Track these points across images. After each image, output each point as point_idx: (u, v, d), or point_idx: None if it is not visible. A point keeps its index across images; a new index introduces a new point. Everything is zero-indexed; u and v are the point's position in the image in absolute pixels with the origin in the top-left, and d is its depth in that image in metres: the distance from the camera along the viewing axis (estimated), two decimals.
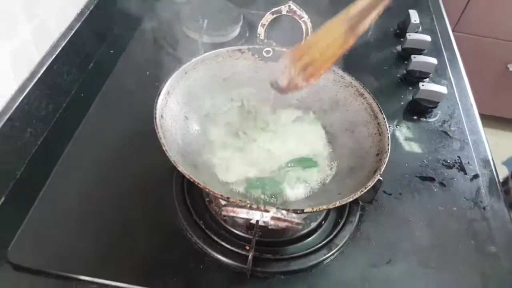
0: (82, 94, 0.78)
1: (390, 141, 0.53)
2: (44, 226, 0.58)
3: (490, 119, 2.00)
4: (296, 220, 0.41)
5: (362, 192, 0.48)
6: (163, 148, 0.49)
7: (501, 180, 0.98)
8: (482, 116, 0.82)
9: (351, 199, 0.47)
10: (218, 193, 0.45)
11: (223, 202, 0.56)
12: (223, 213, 0.41)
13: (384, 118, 0.56)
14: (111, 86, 0.79)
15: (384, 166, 0.51)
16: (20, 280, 0.54)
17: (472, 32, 1.81)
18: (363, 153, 0.55)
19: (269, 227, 0.44)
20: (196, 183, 0.46)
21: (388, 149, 0.52)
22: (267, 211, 0.39)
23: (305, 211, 0.45)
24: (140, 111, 0.64)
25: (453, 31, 1.82)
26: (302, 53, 0.54)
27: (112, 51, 0.87)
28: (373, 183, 0.48)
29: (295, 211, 0.43)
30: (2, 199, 0.61)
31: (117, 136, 0.71)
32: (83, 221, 0.60)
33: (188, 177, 0.46)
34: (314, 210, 0.45)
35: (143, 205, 0.62)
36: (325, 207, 0.46)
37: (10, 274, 0.54)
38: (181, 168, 0.47)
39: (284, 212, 0.40)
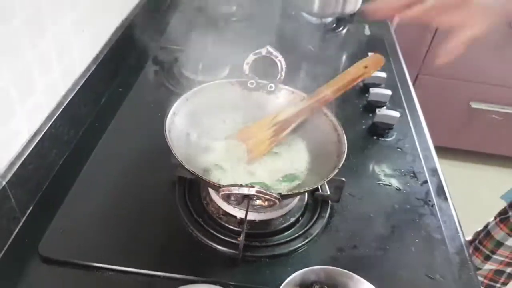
0: (96, 124, 0.92)
1: (346, 146, 0.69)
2: (69, 225, 0.70)
3: (453, 152, 2.19)
4: (275, 195, 0.54)
5: (325, 181, 0.62)
6: (172, 152, 0.64)
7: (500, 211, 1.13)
8: (447, 149, 0.97)
9: (317, 185, 0.61)
10: (214, 182, 0.59)
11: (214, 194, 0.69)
12: (220, 193, 0.55)
13: (342, 129, 0.72)
14: (121, 117, 0.94)
15: (341, 163, 0.65)
16: (49, 271, 0.65)
17: (436, 74, 2.03)
18: (328, 157, 0.70)
19: (255, 207, 0.58)
20: (197, 175, 0.60)
21: (345, 151, 0.67)
22: (253, 187, 0.53)
23: (282, 194, 0.58)
24: (147, 136, 0.80)
25: (418, 74, 2.04)
26: (243, 139, 0.76)
27: (120, 89, 1.02)
28: (333, 175, 0.63)
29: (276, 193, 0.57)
30: (32, 205, 0.73)
31: (127, 156, 0.84)
32: (102, 220, 0.72)
33: (191, 172, 0.60)
34: (290, 193, 0.59)
35: (152, 209, 0.75)
36: (297, 191, 0.60)
37: (41, 266, 0.66)
38: (187, 166, 0.61)
39: (265, 188, 0.54)
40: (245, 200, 0.58)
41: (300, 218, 0.75)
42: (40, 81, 0.74)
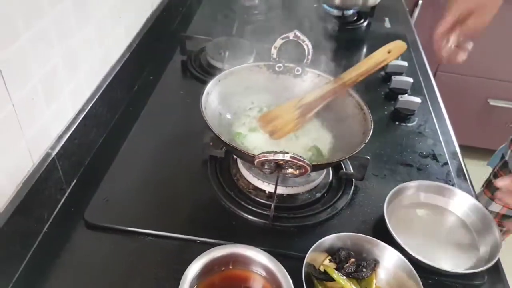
0: (130, 109, 0.98)
1: (372, 123, 0.72)
2: (112, 196, 0.76)
3: (472, 151, 2.18)
4: (307, 162, 0.58)
5: (352, 154, 0.66)
6: (208, 125, 0.68)
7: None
8: (465, 148, 0.99)
9: (345, 157, 0.65)
10: (249, 152, 0.63)
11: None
12: (256, 160, 0.59)
13: (367, 108, 0.76)
14: (153, 103, 0.99)
15: (368, 138, 0.69)
16: (94, 236, 0.70)
17: (455, 72, 2.04)
18: (354, 135, 0.74)
19: (287, 175, 0.62)
20: (233, 147, 0.65)
21: (371, 127, 0.71)
22: (287, 153, 0.57)
23: (312, 164, 0.62)
24: (177, 120, 0.86)
25: (436, 71, 2.04)
26: (266, 122, 0.80)
27: (151, 77, 1.08)
28: (360, 148, 0.67)
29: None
30: (77, 177, 0.79)
31: (160, 138, 0.89)
32: (141, 191, 0.77)
33: (226, 143, 0.65)
34: (319, 163, 0.63)
35: (186, 184, 0.80)
36: (325, 162, 0.64)
37: (86, 232, 0.71)
38: (222, 137, 0.66)
39: (298, 155, 0.58)
40: (276, 170, 0.62)
41: (326, 194, 0.79)
42: (83, 64, 0.80)
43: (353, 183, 0.81)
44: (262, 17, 1.34)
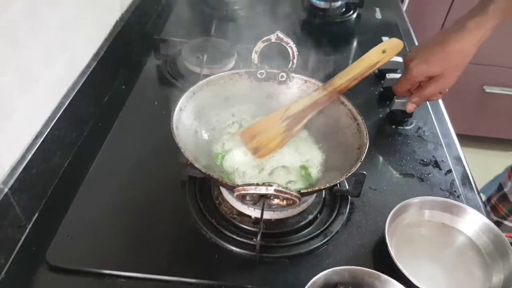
0: (100, 124, 0.88)
1: (368, 136, 0.64)
2: (76, 232, 0.67)
3: (468, 139, 2.12)
4: (294, 193, 0.50)
5: (347, 176, 0.57)
6: (181, 150, 0.59)
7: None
8: (461, 136, 0.92)
9: (337, 181, 0.57)
10: (229, 182, 0.55)
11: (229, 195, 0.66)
12: (235, 194, 0.51)
13: (362, 119, 0.67)
14: (125, 116, 0.90)
15: (364, 155, 0.61)
16: (58, 280, 0.62)
17: None
18: (348, 149, 0.66)
19: (273, 206, 0.54)
20: (210, 176, 0.56)
21: (367, 142, 0.63)
22: (271, 185, 0.49)
23: (301, 191, 0.54)
24: (152, 135, 0.76)
25: None
26: (250, 137, 0.71)
27: (123, 87, 0.98)
28: (355, 169, 0.58)
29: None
30: (38, 211, 0.70)
31: (133, 157, 0.80)
32: (111, 224, 0.69)
33: (201, 171, 0.56)
34: (309, 191, 0.55)
35: (162, 211, 0.71)
36: (317, 188, 0.55)
37: (48, 275, 0.62)
38: (197, 164, 0.57)
39: (284, 186, 0.49)
40: (261, 199, 0.54)
41: (319, 215, 0.71)
42: (39, 80, 0.70)
43: (349, 200, 0.73)
44: (244, 13, 1.24)
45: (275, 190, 0.48)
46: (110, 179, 0.76)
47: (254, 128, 0.72)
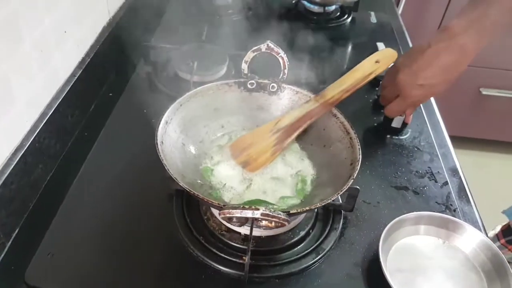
0: (85, 134, 0.85)
1: (360, 151, 0.61)
2: (58, 250, 0.64)
3: (464, 141, 2.11)
4: (283, 217, 0.47)
5: (339, 194, 0.55)
6: (165, 168, 0.57)
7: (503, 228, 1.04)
8: (456, 138, 0.90)
9: (329, 201, 0.54)
10: (215, 202, 0.52)
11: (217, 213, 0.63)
12: (220, 216, 0.48)
13: (354, 133, 0.64)
14: (112, 125, 0.87)
15: (356, 172, 0.58)
16: None
17: None
18: (340, 164, 0.63)
19: (262, 228, 0.51)
20: (196, 195, 0.53)
21: (359, 158, 0.60)
22: (257, 209, 0.46)
23: (290, 212, 0.52)
24: (140, 146, 0.72)
25: None
26: (239, 151, 0.68)
27: (111, 94, 0.95)
28: (347, 187, 0.56)
29: (282, 211, 0.50)
30: (18, 228, 0.67)
31: (119, 169, 0.77)
32: (93, 244, 0.66)
33: (187, 190, 0.53)
34: (298, 211, 0.52)
35: (147, 227, 0.68)
36: (307, 208, 0.53)
37: None
38: (181, 183, 0.54)
39: (271, 209, 0.47)
40: (248, 221, 0.51)
41: (311, 231, 0.68)
42: (19, 91, 0.67)
43: (342, 215, 0.70)
44: (237, 18, 1.22)
45: (262, 214, 0.46)
46: (95, 193, 0.73)
47: (243, 141, 0.69)
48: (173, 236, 0.66)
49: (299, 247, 0.66)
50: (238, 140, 0.70)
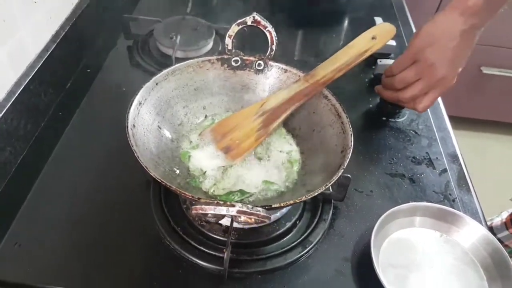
0: (60, 113, 0.79)
1: (352, 138, 0.56)
2: (26, 240, 0.59)
3: (464, 121, 2.05)
4: (262, 213, 0.42)
5: (327, 186, 0.50)
6: (135, 155, 0.51)
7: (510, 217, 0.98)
8: (456, 118, 0.85)
9: (316, 194, 0.49)
10: (189, 194, 0.47)
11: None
12: (192, 212, 0.43)
13: (347, 117, 0.59)
14: (88, 104, 0.81)
15: (347, 161, 0.53)
16: None
17: None
18: (330, 151, 0.58)
19: (241, 224, 0.46)
20: (168, 186, 0.48)
21: (351, 145, 0.55)
22: (233, 205, 0.41)
23: (272, 206, 0.47)
24: (117, 126, 0.65)
25: None
26: (221, 135, 0.63)
27: (88, 70, 0.89)
28: (337, 178, 0.51)
29: (262, 207, 0.45)
30: None
31: (95, 152, 0.72)
32: (64, 234, 0.61)
33: (159, 181, 0.48)
34: (281, 205, 0.47)
35: (122, 216, 0.63)
36: (291, 202, 0.48)
37: None
38: (152, 173, 0.49)
39: (249, 206, 0.42)
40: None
41: (298, 222, 0.63)
42: None
43: (332, 205, 0.65)
44: None
45: (238, 212, 0.41)
46: (67, 179, 0.68)
47: (225, 124, 0.63)
48: (149, 227, 0.61)
49: (284, 239, 0.61)
50: (220, 123, 0.64)
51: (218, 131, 0.63)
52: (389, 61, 0.87)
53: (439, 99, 0.88)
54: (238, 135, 0.62)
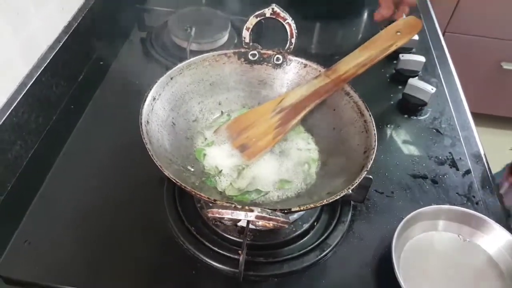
0: (72, 106, 0.78)
1: (376, 138, 0.53)
2: (36, 238, 0.58)
3: (484, 118, 2.00)
4: (281, 219, 0.40)
5: (349, 189, 0.47)
6: (149, 153, 0.49)
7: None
8: (476, 115, 0.82)
9: (338, 197, 0.47)
10: (204, 195, 0.45)
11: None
12: (209, 215, 0.41)
13: (370, 115, 0.56)
14: (101, 97, 0.80)
15: (371, 163, 0.50)
16: None
17: (464, 32, 1.81)
18: (351, 151, 0.55)
19: (258, 227, 0.44)
20: (183, 187, 0.46)
21: (375, 146, 0.52)
22: (251, 210, 0.39)
23: (292, 210, 0.44)
24: (130, 121, 0.63)
25: (444, 31, 1.82)
26: (237, 132, 0.60)
27: (101, 62, 0.87)
28: (359, 180, 0.48)
29: (281, 211, 0.43)
30: None
31: (108, 147, 0.71)
32: (75, 231, 0.60)
33: (174, 181, 0.46)
34: (301, 209, 0.45)
35: (134, 214, 0.62)
36: (312, 205, 0.45)
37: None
38: (166, 172, 0.47)
39: (268, 211, 0.40)
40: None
41: (315, 224, 0.61)
42: None
43: (351, 206, 0.63)
44: None
45: (256, 217, 0.39)
46: (78, 174, 0.66)
47: (241, 121, 0.61)
48: (162, 226, 0.60)
49: (301, 241, 0.59)
50: (236, 120, 0.62)
51: (234, 128, 0.61)
52: (412, 56, 0.83)
53: (462, 95, 0.85)
54: (255, 133, 0.59)
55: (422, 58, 0.83)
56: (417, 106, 0.79)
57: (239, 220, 0.42)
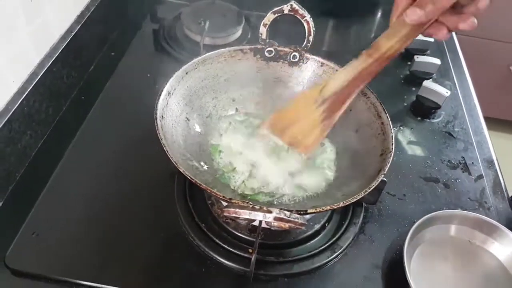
0: (82, 97, 0.77)
1: (394, 140, 0.53)
2: (44, 230, 0.58)
3: (493, 122, 1.98)
4: (299, 221, 0.40)
5: (366, 193, 0.47)
6: (164, 148, 0.49)
7: None
8: (486, 119, 0.81)
9: (355, 200, 0.46)
10: (221, 194, 0.44)
11: (224, 204, 0.55)
12: (225, 214, 0.40)
13: (387, 117, 0.55)
14: (112, 89, 0.79)
15: (388, 166, 0.50)
16: (19, 285, 0.53)
17: (475, 35, 1.80)
18: (367, 153, 0.55)
19: (272, 228, 0.43)
20: (198, 184, 0.46)
21: (392, 148, 0.52)
22: (269, 211, 0.38)
23: (308, 211, 0.44)
24: (141, 114, 0.63)
25: (456, 33, 1.80)
26: (280, 130, 0.57)
27: (113, 54, 0.86)
28: (377, 183, 0.48)
29: (298, 212, 0.42)
30: (1, 203, 0.60)
31: (118, 139, 0.70)
32: (84, 225, 0.59)
33: (189, 178, 0.45)
34: (318, 210, 0.44)
35: (144, 209, 0.61)
36: (328, 207, 0.45)
37: (9, 280, 0.53)
38: (182, 168, 0.46)
39: (287, 212, 0.39)
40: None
41: (327, 225, 0.61)
42: (3, 47, 0.59)
43: (363, 208, 0.62)
44: None
45: (275, 218, 0.38)
46: (88, 167, 0.66)
47: (283, 116, 0.57)
48: (173, 221, 0.59)
49: (312, 242, 0.59)
50: (277, 115, 0.58)
51: (276, 126, 0.57)
52: (427, 58, 0.83)
53: (475, 99, 0.84)
54: (300, 129, 0.55)
55: (437, 61, 0.82)
56: (431, 109, 0.78)
57: (254, 220, 0.41)
